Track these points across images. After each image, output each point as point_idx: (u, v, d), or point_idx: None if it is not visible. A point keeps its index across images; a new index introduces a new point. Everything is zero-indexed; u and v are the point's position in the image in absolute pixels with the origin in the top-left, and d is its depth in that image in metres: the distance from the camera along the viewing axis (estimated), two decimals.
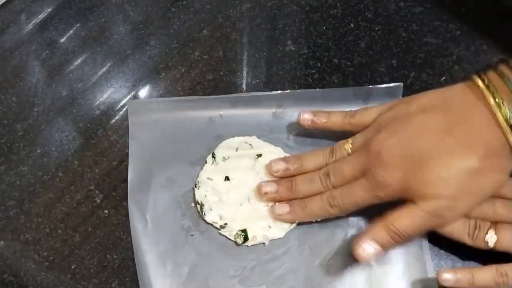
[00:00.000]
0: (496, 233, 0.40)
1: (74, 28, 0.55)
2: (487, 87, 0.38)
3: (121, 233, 0.45)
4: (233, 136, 0.48)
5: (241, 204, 0.46)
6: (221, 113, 0.49)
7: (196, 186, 0.46)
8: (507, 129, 0.37)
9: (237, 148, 0.47)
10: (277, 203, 0.45)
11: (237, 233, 0.45)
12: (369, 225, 0.43)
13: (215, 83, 0.52)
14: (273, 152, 0.47)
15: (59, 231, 0.46)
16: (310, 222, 0.44)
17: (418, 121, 0.40)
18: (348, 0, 0.55)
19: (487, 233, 0.40)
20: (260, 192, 0.45)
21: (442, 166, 0.38)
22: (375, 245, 0.39)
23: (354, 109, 0.46)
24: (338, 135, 0.46)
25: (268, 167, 0.46)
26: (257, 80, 0.52)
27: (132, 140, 0.48)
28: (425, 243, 0.43)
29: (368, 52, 0.52)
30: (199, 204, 0.46)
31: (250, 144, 0.48)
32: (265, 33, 0.54)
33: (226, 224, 0.45)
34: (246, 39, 0.54)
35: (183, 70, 0.53)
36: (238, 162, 0.47)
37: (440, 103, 0.41)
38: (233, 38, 0.54)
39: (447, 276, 0.40)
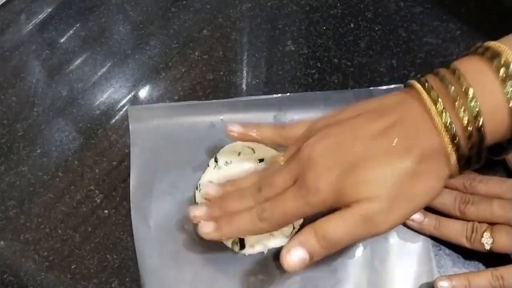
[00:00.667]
0: (492, 235, 0.40)
1: (74, 28, 0.55)
2: (428, 92, 0.36)
3: (121, 233, 0.45)
4: (236, 141, 0.47)
5: None
6: (222, 117, 0.49)
7: (197, 189, 0.46)
8: (445, 136, 0.35)
9: (239, 153, 0.47)
10: (201, 221, 0.40)
11: (234, 241, 0.44)
12: None
13: (215, 83, 0.52)
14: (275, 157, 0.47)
15: (59, 231, 0.46)
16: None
17: (351, 125, 0.38)
18: (348, 0, 0.55)
19: (483, 235, 0.40)
20: (187, 216, 0.41)
21: (376, 167, 0.36)
22: (302, 252, 0.36)
23: None
24: None
25: (204, 193, 0.43)
26: (257, 80, 0.52)
27: (133, 147, 0.48)
28: (429, 241, 0.43)
29: (368, 52, 0.52)
30: (196, 204, 0.46)
31: (253, 149, 0.47)
32: (265, 33, 0.54)
33: None
34: (246, 39, 0.54)
35: (183, 70, 0.53)
36: (240, 167, 0.46)
37: (375, 107, 0.39)
38: (233, 38, 0.54)
39: (444, 284, 0.40)
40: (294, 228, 0.44)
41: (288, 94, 0.48)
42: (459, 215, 0.42)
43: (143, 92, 0.52)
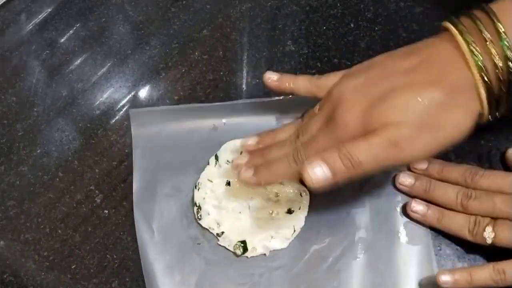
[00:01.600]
0: (494, 229, 0.40)
1: (74, 28, 0.55)
2: (460, 31, 0.37)
3: (121, 233, 0.45)
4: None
5: (240, 212, 0.45)
6: (224, 120, 0.49)
7: (196, 187, 0.46)
8: (475, 71, 0.36)
9: (241, 152, 0.47)
10: (243, 167, 0.42)
11: (236, 244, 0.44)
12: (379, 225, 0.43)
13: (215, 83, 0.52)
14: None
15: (59, 231, 0.46)
16: (314, 228, 0.44)
17: (383, 65, 0.39)
18: (348, 0, 0.55)
19: (485, 229, 0.40)
20: (235, 167, 0.43)
21: (403, 94, 0.37)
22: (324, 168, 0.36)
23: None
24: None
25: (243, 143, 0.45)
26: (257, 80, 0.52)
27: (136, 150, 0.48)
28: (431, 243, 0.43)
29: (368, 52, 0.52)
30: (196, 206, 0.45)
31: None
32: (265, 33, 0.54)
33: (223, 233, 0.44)
34: (246, 39, 0.54)
35: (183, 70, 0.53)
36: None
37: (405, 49, 0.40)
38: (233, 38, 0.54)
39: (445, 278, 0.40)
40: (295, 231, 0.44)
41: (289, 96, 0.48)
42: (461, 210, 0.42)
43: (143, 92, 0.52)
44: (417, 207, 0.43)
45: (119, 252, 0.45)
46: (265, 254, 0.44)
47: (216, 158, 0.47)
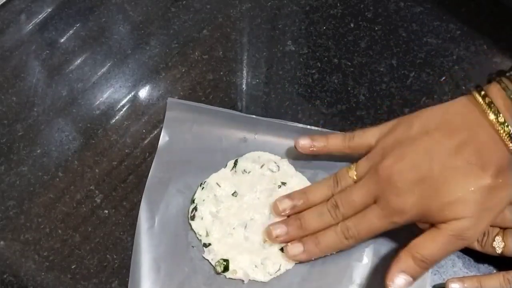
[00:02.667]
0: (503, 239, 0.40)
1: (74, 28, 0.55)
2: (488, 104, 0.38)
3: (121, 233, 0.45)
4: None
5: (234, 228, 0.44)
6: (256, 136, 0.48)
7: (201, 185, 0.46)
8: (510, 145, 0.37)
9: (263, 165, 0.46)
10: (289, 244, 0.43)
11: (218, 261, 0.43)
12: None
13: (215, 83, 0.52)
14: (298, 184, 0.45)
15: (59, 231, 0.46)
16: (300, 275, 0.43)
17: (424, 144, 0.40)
18: (348, 0, 0.55)
19: (494, 239, 0.40)
20: (270, 236, 0.43)
21: (457, 187, 0.38)
22: (405, 277, 0.39)
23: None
24: None
25: (274, 207, 0.44)
26: (257, 80, 0.52)
27: (163, 138, 0.48)
28: None
29: (368, 52, 0.52)
30: (193, 203, 0.45)
31: (278, 166, 0.46)
32: (265, 33, 0.54)
33: (210, 244, 0.44)
34: (246, 39, 0.54)
35: (183, 70, 0.53)
36: (257, 181, 0.46)
37: (442, 123, 0.40)
38: (233, 38, 0.54)
39: (455, 286, 0.40)
40: (279, 269, 0.43)
41: (327, 130, 0.47)
42: None
43: (143, 92, 0.52)
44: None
45: (119, 252, 0.45)
46: (243, 281, 0.43)
47: (235, 163, 0.46)
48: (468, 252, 0.42)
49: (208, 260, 0.43)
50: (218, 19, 0.55)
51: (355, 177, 0.43)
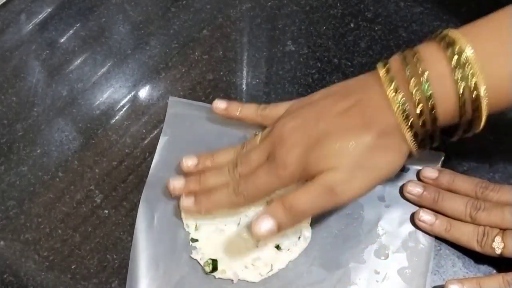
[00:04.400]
0: (503, 240, 0.40)
1: (74, 28, 0.55)
2: (386, 71, 0.39)
3: (121, 233, 0.45)
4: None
5: (226, 225, 0.44)
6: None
7: None
8: (399, 115, 0.38)
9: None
10: (183, 195, 0.44)
11: (207, 261, 0.43)
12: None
13: (215, 83, 0.52)
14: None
15: (59, 231, 0.46)
16: (289, 276, 0.43)
17: (319, 106, 0.41)
18: (348, 0, 0.55)
19: (494, 240, 0.40)
20: (168, 189, 0.44)
21: (336, 140, 0.39)
22: (271, 221, 0.39)
23: None
24: None
25: (180, 162, 0.45)
26: (257, 80, 0.52)
27: (163, 137, 0.48)
28: (432, 244, 0.43)
29: (368, 52, 0.52)
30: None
31: None
32: (265, 33, 0.54)
33: (196, 240, 0.44)
34: (246, 39, 0.54)
35: (183, 70, 0.53)
36: None
37: (341, 89, 0.42)
38: (233, 38, 0.54)
39: (454, 287, 0.40)
40: (271, 270, 0.43)
41: None
42: (470, 221, 0.42)
43: (143, 92, 0.52)
44: (425, 216, 0.43)
45: (119, 252, 0.45)
46: (232, 281, 0.43)
47: None
48: (468, 252, 0.42)
49: (196, 260, 0.43)
50: (218, 19, 0.55)
51: (258, 141, 0.44)
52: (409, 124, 0.38)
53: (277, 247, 0.43)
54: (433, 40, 0.39)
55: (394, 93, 0.38)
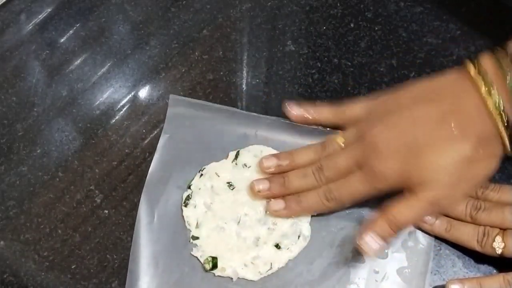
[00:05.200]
0: (503, 240, 0.40)
1: (74, 28, 0.55)
2: (478, 73, 0.38)
3: (121, 233, 0.45)
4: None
5: (226, 223, 0.44)
6: (257, 132, 0.48)
7: (199, 171, 0.46)
8: (497, 116, 0.38)
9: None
10: (272, 199, 0.44)
11: (207, 259, 0.43)
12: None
13: (215, 83, 0.52)
14: None
15: (59, 231, 0.46)
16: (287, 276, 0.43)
17: (411, 113, 0.41)
18: (348, 0, 0.55)
19: (494, 239, 0.40)
20: (253, 191, 0.44)
21: (438, 153, 0.39)
22: (377, 239, 0.39)
23: None
24: None
25: (260, 163, 0.45)
26: (257, 80, 0.52)
27: (164, 134, 0.48)
28: (431, 244, 0.43)
29: (368, 52, 0.52)
30: (189, 189, 0.45)
31: None
32: (265, 33, 0.54)
33: (197, 238, 0.44)
34: (246, 39, 0.54)
35: (183, 70, 0.53)
36: (256, 177, 0.45)
37: (430, 93, 0.41)
38: (233, 38, 0.54)
39: (455, 287, 0.40)
40: (271, 268, 0.43)
41: (328, 129, 0.47)
42: (470, 221, 0.42)
43: (143, 92, 0.52)
44: (425, 216, 0.43)
45: (119, 252, 0.45)
46: (231, 279, 0.43)
47: (237, 155, 0.46)
48: (468, 252, 0.42)
49: (197, 258, 0.43)
50: (218, 19, 0.55)
51: (342, 144, 0.43)
52: (507, 124, 0.38)
53: (277, 246, 0.43)
54: None
55: (489, 94, 0.38)
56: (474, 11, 0.54)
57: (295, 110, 0.46)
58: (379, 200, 0.41)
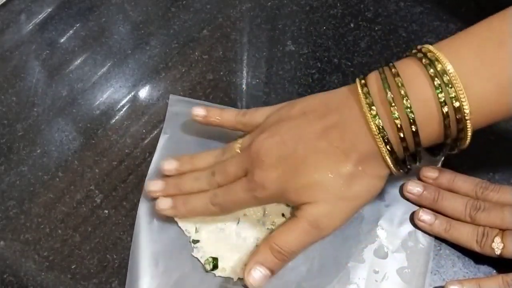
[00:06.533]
0: (502, 240, 0.40)
1: (74, 28, 0.55)
2: (364, 93, 0.37)
3: (121, 233, 0.45)
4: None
5: (225, 224, 0.44)
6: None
7: None
8: (379, 137, 0.37)
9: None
10: (161, 197, 0.44)
11: (207, 259, 0.43)
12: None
13: (215, 83, 0.52)
14: None
15: (59, 231, 0.46)
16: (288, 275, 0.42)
17: (297, 123, 0.40)
18: (348, 0, 0.55)
19: (493, 240, 0.40)
20: (147, 187, 0.44)
21: (316, 170, 0.38)
22: (263, 270, 0.39)
23: None
24: None
25: (161, 165, 0.45)
26: (257, 80, 0.52)
27: (164, 134, 0.48)
28: (431, 244, 0.43)
29: (368, 52, 0.52)
30: None
31: None
32: (265, 33, 0.54)
33: (198, 241, 0.44)
34: (246, 39, 0.54)
35: (183, 70, 0.53)
36: None
37: (320, 107, 0.40)
38: (233, 38, 0.54)
39: None
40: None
41: None
42: (469, 221, 0.42)
43: (143, 92, 0.52)
44: (425, 216, 0.43)
45: (119, 252, 0.45)
46: (232, 279, 0.43)
47: None
48: (468, 252, 0.42)
49: (197, 258, 0.43)
50: (218, 19, 0.55)
51: (238, 150, 0.43)
52: (390, 149, 0.37)
53: None
54: (412, 57, 0.38)
55: (373, 118, 0.37)
56: (474, 11, 0.54)
57: (198, 111, 0.45)
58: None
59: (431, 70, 0.36)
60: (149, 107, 0.51)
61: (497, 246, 0.40)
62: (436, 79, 0.35)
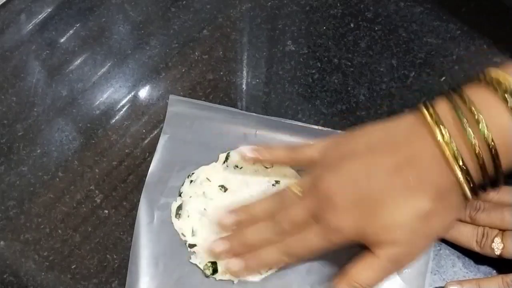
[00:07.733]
0: (502, 241, 0.40)
1: (74, 28, 0.55)
2: (435, 121, 0.36)
3: (121, 233, 0.45)
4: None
5: None
6: (257, 132, 0.48)
7: (188, 177, 0.46)
8: (455, 166, 0.36)
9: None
10: (230, 259, 0.42)
11: (206, 265, 0.43)
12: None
13: (215, 83, 0.52)
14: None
15: (59, 231, 0.46)
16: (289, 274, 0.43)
17: (365, 160, 0.38)
18: (348, 0, 0.55)
19: (493, 240, 0.40)
20: (213, 253, 0.42)
21: (394, 210, 0.37)
22: None
23: None
24: None
25: (219, 223, 0.43)
26: (257, 80, 0.52)
27: (164, 134, 0.48)
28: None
29: (368, 52, 0.52)
30: (179, 196, 0.45)
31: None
32: (265, 33, 0.54)
33: (195, 245, 0.43)
34: (246, 39, 0.54)
35: (183, 70, 0.53)
36: (249, 177, 0.45)
37: (385, 140, 0.39)
38: (233, 38, 0.54)
39: None
40: (271, 268, 0.43)
41: (327, 129, 0.47)
42: (469, 221, 0.42)
43: (143, 92, 0.52)
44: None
45: (119, 252, 0.45)
46: (232, 282, 0.43)
47: (227, 157, 0.46)
48: (468, 253, 0.42)
49: (196, 265, 0.43)
50: (218, 19, 0.55)
51: (299, 193, 0.41)
52: (468, 177, 0.36)
53: None
54: (477, 82, 0.37)
55: (448, 146, 0.35)
56: (474, 11, 0.54)
57: (250, 154, 0.44)
58: None
59: (501, 92, 0.35)
60: (149, 107, 0.51)
61: (497, 247, 0.40)
62: (509, 100, 0.35)
